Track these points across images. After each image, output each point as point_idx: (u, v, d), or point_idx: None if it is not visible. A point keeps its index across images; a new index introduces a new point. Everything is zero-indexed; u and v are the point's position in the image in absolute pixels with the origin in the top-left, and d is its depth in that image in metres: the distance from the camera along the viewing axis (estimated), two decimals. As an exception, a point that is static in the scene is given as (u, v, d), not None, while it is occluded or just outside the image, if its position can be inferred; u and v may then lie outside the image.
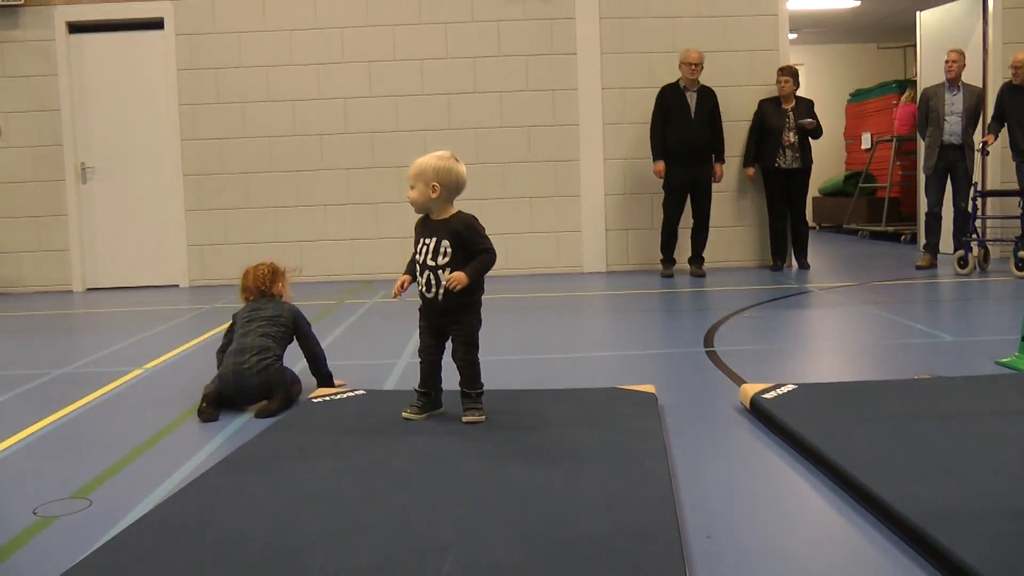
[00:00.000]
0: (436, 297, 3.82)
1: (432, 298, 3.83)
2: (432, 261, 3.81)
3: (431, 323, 3.91)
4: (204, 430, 4.14)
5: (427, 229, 3.88)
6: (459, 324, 3.87)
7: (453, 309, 3.84)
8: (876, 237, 13.51)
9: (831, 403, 3.91)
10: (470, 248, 3.82)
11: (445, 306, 3.82)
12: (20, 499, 3.31)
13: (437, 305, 3.83)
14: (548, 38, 9.92)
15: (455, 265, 3.78)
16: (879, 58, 16.68)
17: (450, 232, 3.81)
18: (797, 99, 9.57)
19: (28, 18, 10.02)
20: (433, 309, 3.86)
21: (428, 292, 3.83)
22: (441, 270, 3.79)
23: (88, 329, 7.84)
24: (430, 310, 3.88)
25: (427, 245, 3.83)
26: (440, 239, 3.81)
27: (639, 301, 8.01)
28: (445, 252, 3.79)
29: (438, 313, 3.85)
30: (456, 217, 3.88)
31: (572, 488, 2.99)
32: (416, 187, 3.81)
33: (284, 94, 9.98)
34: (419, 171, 3.82)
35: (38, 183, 10.14)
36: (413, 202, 3.86)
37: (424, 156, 3.86)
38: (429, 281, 3.82)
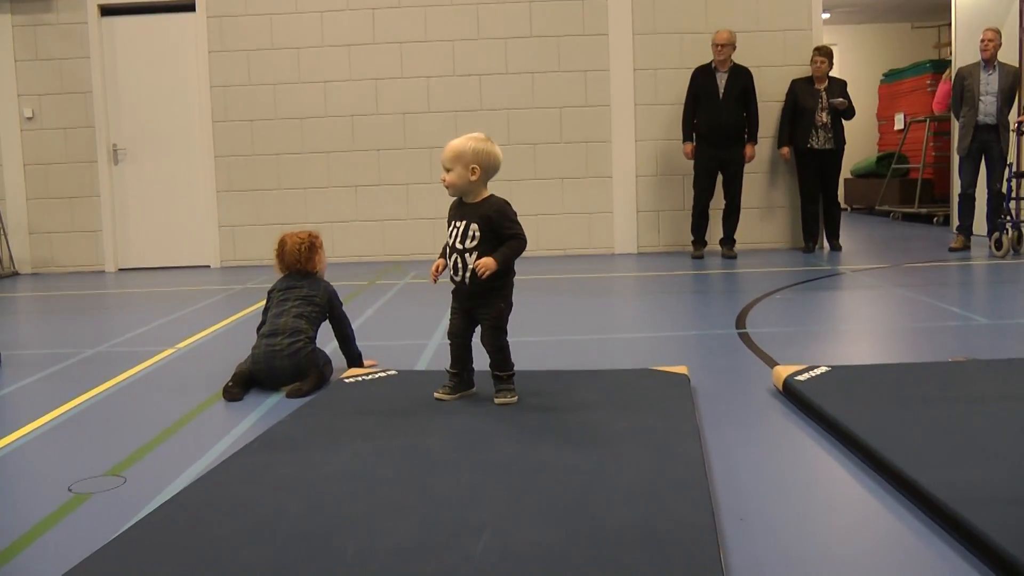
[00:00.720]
0: (463, 280, 3.79)
1: (460, 281, 3.81)
2: (460, 244, 3.78)
3: (461, 305, 3.88)
4: (236, 409, 4.16)
5: (459, 212, 3.84)
6: (488, 307, 3.83)
7: (481, 292, 3.80)
8: (909, 219, 13.40)
9: (865, 386, 3.87)
10: (500, 233, 3.77)
11: (473, 289, 3.79)
12: (56, 476, 3.34)
13: (465, 288, 3.80)
14: (580, 19, 9.88)
15: (483, 249, 3.74)
16: (913, 37, 16.50)
17: (480, 216, 3.77)
18: (830, 79, 9.50)
19: (61, 1, 10.08)
20: (462, 292, 3.84)
21: (456, 275, 3.81)
22: (468, 253, 3.75)
23: (120, 309, 7.88)
24: (460, 293, 3.86)
25: (457, 228, 3.80)
26: (470, 222, 3.77)
27: (670, 282, 7.98)
28: (473, 236, 3.75)
29: (467, 296, 3.83)
30: (488, 201, 3.83)
31: (605, 470, 2.98)
32: (454, 169, 3.75)
33: (315, 75, 10.00)
34: (457, 153, 3.76)
35: (71, 164, 10.22)
36: (451, 185, 3.79)
37: (459, 138, 3.81)
38: (456, 264, 3.79)
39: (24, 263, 10.35)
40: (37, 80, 10.17)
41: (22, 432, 3.92)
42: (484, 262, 3.70)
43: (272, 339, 4.45)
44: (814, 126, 9.40)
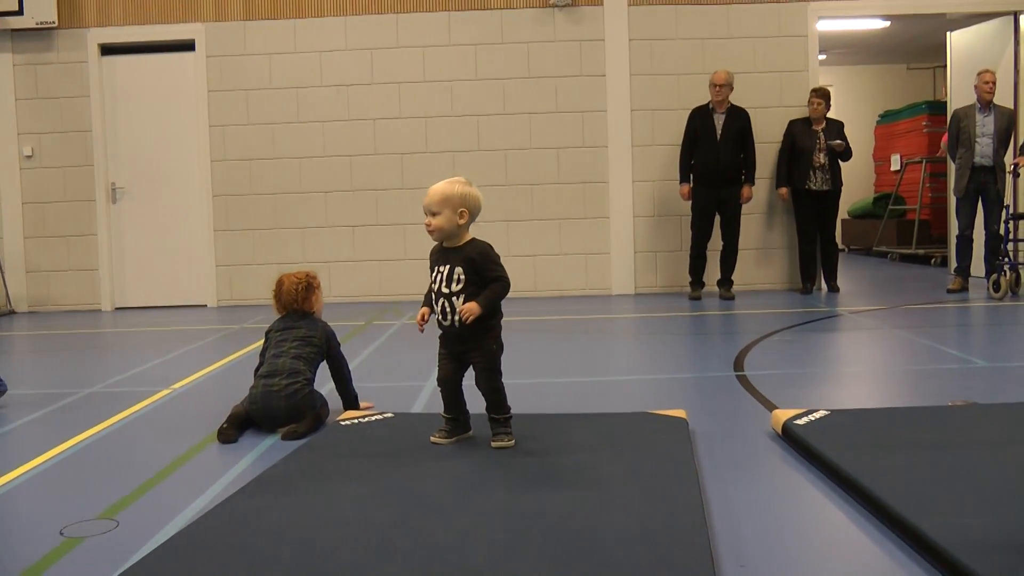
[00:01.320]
0: (452, 324, 3.75)
1: (449, 325, 3.77)
2: (446, 288, 3.75)
3: (451, 350, 3.86)
4: (231, 452, 4.13)
5: (442, 257, 3.82)
6: (479, 350, 3.80)
7: (471, 335, 3.77)
8: (906, 260, 13.42)
9: (864, 430, 3.85)
10: (484, 275, 3.75)
11: (462, 333, 3.75)
12: (48, 519, 3.31)
13: (454, 332, 3.77)
14: (577, 60, 9.93)
15: (469, 292, 3.72)
16: (908, 79, 16.62)
17: (464, 259, 3.75)
18: (827, 120, 9.53)
19: (62, 40, 10.13)
20: (451, 336, 3.81)
21: (444, 320, 3.77)
22: (456, 297, 3.73)
23: (116, 348, 7.86)
24: (449, 337, 3.84)
25: (441, 272, 3.78)
26: (454, 266, 3.75)
27: (668, 324, 7.97)
28: (459, 279, 3.73)
29: (456, 340, 3.80)
30: (471, 244, 3.81)
31: (603, 515, 2.95)
32: (442, 213, 3.73)
33: (313, 115, 10.03)
34: (444, 197, 3.74)
35: (69, 203, 10.23)
36: (437, 229, 3.76)
37: (441, 183, 3.78)
38: (444, 309, 3.76)
39: (21, 301, 10.32)
40: (37, 119, 10.20)
41: (15, 474, 3.89)
42: (468, 307, 3.68)
43: (270, 380, 4.43)
44: (812, 167, 9.42)
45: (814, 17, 9.94)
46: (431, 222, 3.76)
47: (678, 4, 9.89)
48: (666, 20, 9.89)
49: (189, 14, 10.10)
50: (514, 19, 9.94)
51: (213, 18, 10.08)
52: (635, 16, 9.89)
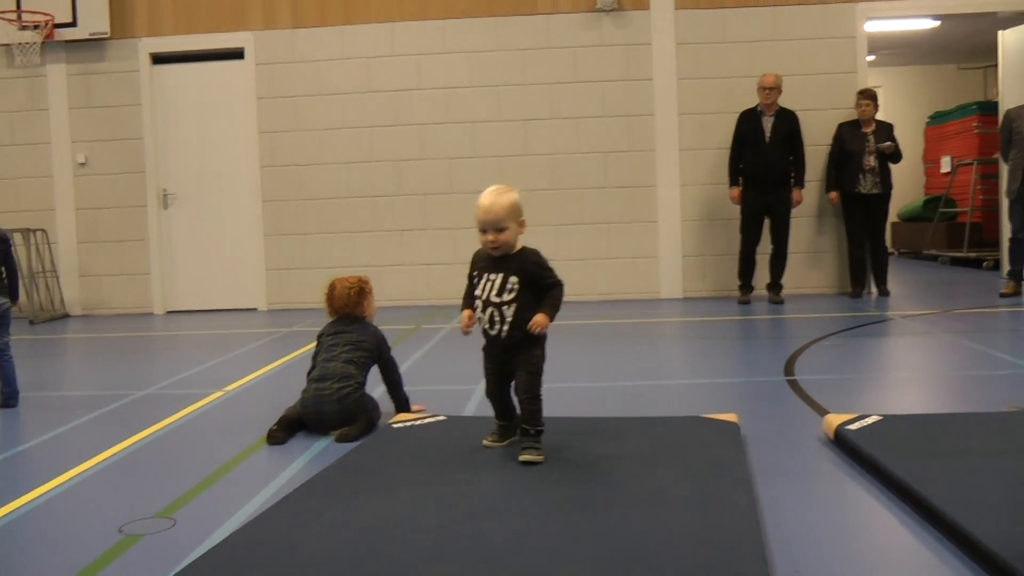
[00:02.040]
0: (499, 334, 3.70)
1: (495, 335, 3.72)
2: (497, 297, 3.70)
3: (495, 362, 3.81)
4: (285, 453, 4.17)
5: (493, 265, 3.75)
6: (525, 355, 3.72)
7: (517, 344, 3.71)
8: (957, 263, 13.25)
9: (918, 435, 3.82)
10: (539, 283, 3.73)
11: (509, 342, 3.70)
12: (107, 517, 3.38)
13: (500, 342, 3.72)
14: (624, 64, 9.92)
15: (521, 301, 3.68)
16: (959, 79, 16.40)
17: (520, 269, 3.71)
18: (877, 122, 9.44)
19: (113, 50, 10.28)
20: (496, 346, 3.76)
21: (492, 329, 3.72)
22: (506, 306, 3.68)
23: (169, 351, 7.95)
24: (493, 348, 3.78)
25: (491, 282, 3.72)
26: (508, 275, 3.70)
27: (717, 328, 7.94)
28: (511, 289, 3.69)
29: (501, 350, 3.75)
30: (523, 253, 3.77)
31: (656, 519, 2.95)
32: (509, 227, 3.68)
33: (361, 121, 10.09)
34: (509, 210, 3.68)
35: (121, 209, 10.36)
36: (504, 243, 3.70)
37: (493, 195, 3.70)
38: (493, 318, 3.71)
39: (74, 305, 10.48)
40: (90, 127, 10.35)
41: (74, 473, 3.96)
42: (538, 321, 3.65)
43: (321, 383, 4.47)
44: (861, 170, 9.34)
45: (862, 18, 9.86)
46: (497, 238, 3.69)
47: (724, 7, 9.85)
48: (713, 23, 9.86)
49: (238, 23, 10.20)
50: (561, 24, 9.95)
51: (262, 26, 10.17)
52: (682, 20, 9.86)
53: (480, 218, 3.70)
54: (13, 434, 4.95)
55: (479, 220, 3.70)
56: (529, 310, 3.68)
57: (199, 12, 10.23)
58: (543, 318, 3.67)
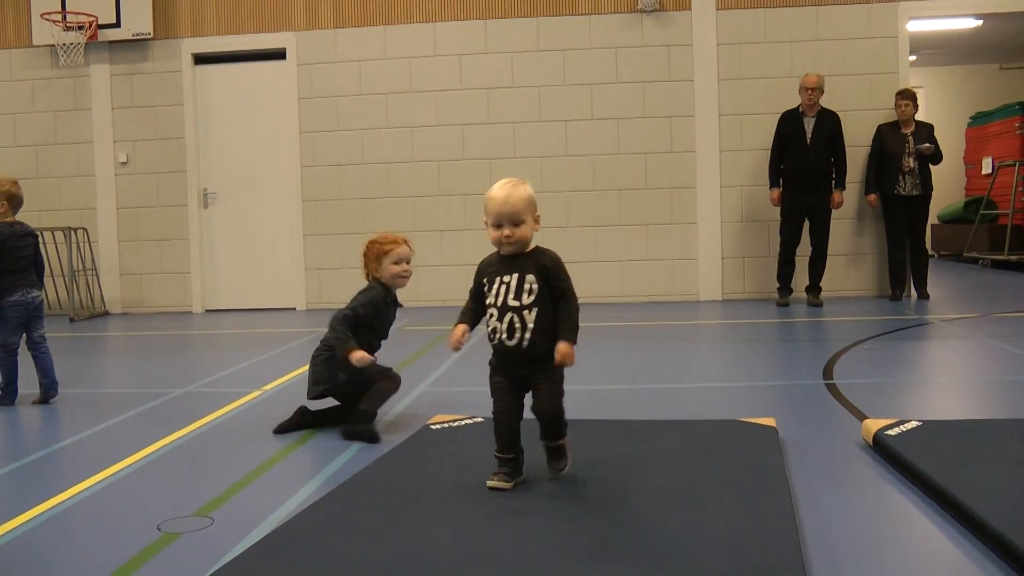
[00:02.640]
0: (520, 344, 3.30)
1: (515, 346, 3.31)
2: (515, 301, 3.31)
3: (512, 376, 3.39)
4: (323, 453, 4.18)
5: (506, 266, 3.39)
6: (546, 371, 3.34)
7: (540, 355, 3.32)
8: (998, 266, 13.12)
9: (958, 441, 3.78)
10: (554, 286, 3.35)
11: (533, 352, 3.31)
12: (146, 514, 3.41)
13: (521, 354, 3.32)
14: (665, 64, 9.90)
15: (541, 305, 3.31)
16: (1001, 79, 16.23)
17: (537, 266, 3.36)
18: (917, 123, 9.36)
19: (156, 51, 10.38)
20: (515, 359, 3.34)
21: (510, 339, 3.31)
22: (527, 310, 3.30)
23: (208, 350, 8.01)
24: (510, 361, 3.36)
25: (506, 284, 3.34)
26: (524, 274, 3.34)
27: (755, 331, 7.91)
28: (531, 290, 3.32)
29: (521, 363, 3.34)
30: (540, 250, 3.43)
31: (694, 522, 2.94)
32: (526, 221, 3.35)
33: (402, 121, 10.13)
34: (527, 202, 3.36)
35: (162, 208, 10.46)
36: (521, 239, 3.37)
37: (507, 187, 3.39)
38: (512, 325, 3.31)
39: (115, 303, 10.58)
40: (132, 127, 10.45)
41: (113, 470, 4.00)
42: (565, 352, 3.25)
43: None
44: (901, 172, 9.26)
45: (904, 17, 9.78)
46: (514, 233, 3.35)
47: (767, 7, 9.81)
48: (754, 23, 9.82)
49: (280, 23, 10.27)
50: (602, 24, 9.94)
51: (304, 27, 10.23)
52: (723, 20, 9.82)
53: (495, 211, 3.35)
54: (53, 430, 5.01)
55: (494, 213, 3.35)
56: (552, 317, 3.34)
57: (241, 13, 10.31)
58: (568, 348, 3.26)
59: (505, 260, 3.40)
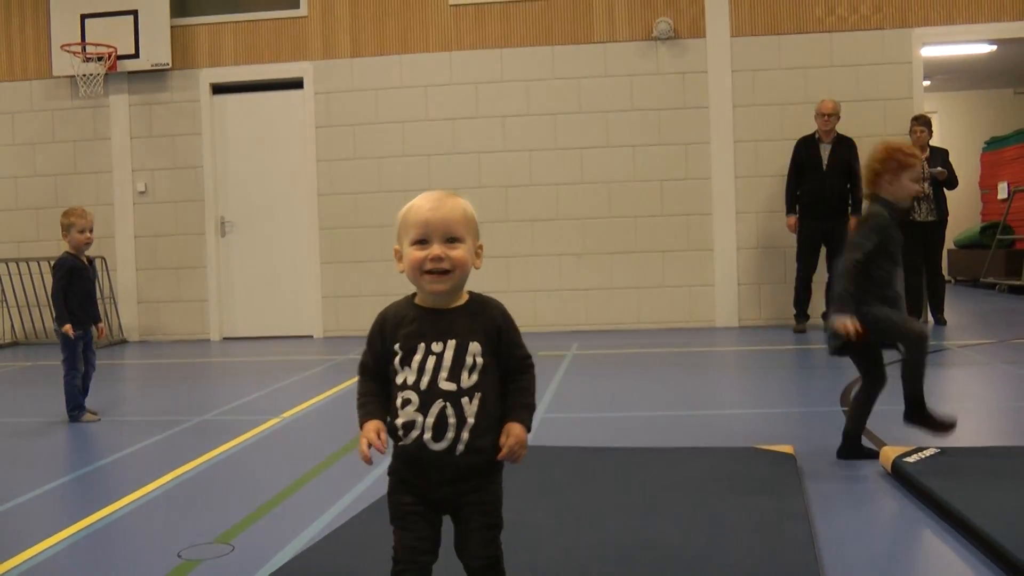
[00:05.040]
0: (452, 449, 2.23)
1: (444, 452, 2.23)
2: (451, 383, 2.23)
3: (430, 497, 2.28)
4: (344, 479, 4.19)
5: (431, 325, 2.29)
6: (482, 493, 2.29)
7: (476, 469, 2.27)
8: (1015, 291, 13.07)
9: (977, 469, 3.78)
10: (510, 355, 2.33)
11: (466, 463, 2.24)
12: (165, 542, 3.43)
13: (451, 464, 2.24)
14: (680, 92, 9.94)
15: (486, 388, 2.26)
16: (1016, 104, 16.24)
17: (485, 328, 2.30)
18: (931, 149, 9.36)
19: (175, 81, 10.48)
20: (440, 472, 2.25)
21: (438, 440, 2.22)
22: (467, 397, 2.23)
23: (226, 377, 8.05)
24: (432, 474, 2.26)
25: (436, 355, 2.25)
26: (466, 341, 2.27)
27: (772, 357, 7.90)
28: (475, 365, 2.25)
29: (449, 478, 2.25)
30: (480, 301, 2.38)
31: (714, 548, 2.95)
32: (464, 242, 2.34)
33: (418, 149, 10.19)
34: (468, 217, 2.38)
35: (179, 236, 10.53)
36: (460, 267, 2.31)
37: (439, 194, 2.43)
38: (443, 420, 2.22)
39: (132, 331, 10.63)
40: (151, 156, 10.54)
41: (133, 497, 4.02)
42: (519, 437, 2.27)
43: None
44: (916, 198, 9.23)
45: (918, 43, 9.80)
46: (449, 255, 2.29)
47: (780, 34, 9.85)
48: (769, 50, 9.86)
49: (298, 53, 10.36)
50: (617, 52, 10.00)
51: (321, 56, 10.32)
52: (737, 47, 9.87)
53: (420, 220, 2.32)
54: (74, 458, 5.04)
55: (417, 224, 2.32)
56: (495, 406, 2.30)
57: (259, 42, 10.40)
58: (523, 433, 2.29)
59: (429, 315, 2.31)
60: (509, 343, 2.31)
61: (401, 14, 10.23)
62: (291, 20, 10.38)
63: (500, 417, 2.28)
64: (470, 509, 2.27)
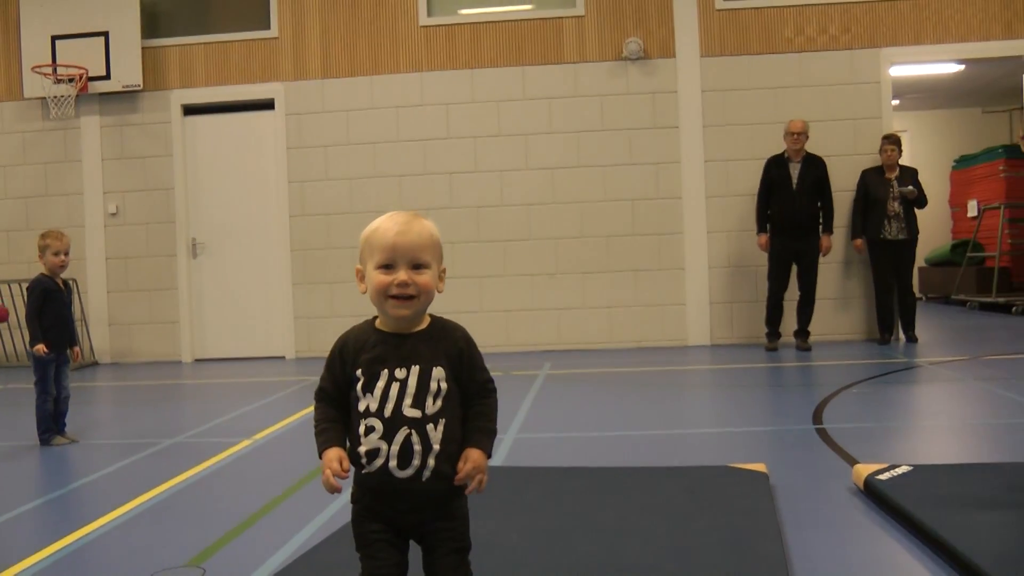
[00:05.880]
0: (418, 476, 2.20)
1: (409, 479, 2.20)
2: (415, 410, 2.22)
3: (397, 524, 2.27)
4: (315, 501, 4.17)
5: (393, 350, 2.28)
6: (448, 519, 2.29)
7: (442, 494, 2.26)
8: (986, 308, 13.18)
9: (950, 486, 3.78)
10: (472, 380, 2.33)
11: (432, 489, 2.23)
12: (137, 564, 3.40)
13: (416, 491, 2.22)
14: (651, 111, 9.98)
15: (450, 414, 2.25)
16: (984, 123, 16.40)
17: (447, 353, 2.30)
18: (901, 168, 9.42)
19: (146, 102, 10.46)
20: (407, 499, 2.23)
21: (403, 468, 2.20)
22: (432, 423, 2.22)
23: (197, 399, 8.00)
24: (397, 502, 2.24)
25: (399, 381, 2.23)
26: (429, 366, 2.26)
27: (744, 376, 7.92)
28: (439, 391, 2.24)
29: (415, 505, 2.24)
30: (441, 325, 2.38)
31: (686, 568, 2.95)
32: (430, 267, 2.29)
33: (390, 170, 10.19)
34: (433, 241, 2.30)
35: (151, 258, 10.48)
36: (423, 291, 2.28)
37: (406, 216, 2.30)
38: (408, 447, 2.20)
39: (104, 353, 10.56)
40: (122, 177, 10.50)
41: (103, 520, 3.99)
42: (478, 464, 2.25)
43: None
44: (886, 216, 9.32)
45: (887, 63, 9.89)
46: (415, 280, 2.26)
47: (750, 54, 9.92)
48: (738, 70, 9.92)
49: (269, 74, 10.36)
50: (588, 72, 10.04)
51: (292, 77, 10.32)
52: (707, 67, 9.93)
53: (387, 243, 2.25)
54: (44, 481, 5.00)
55: (384, 247, 2.25)
56: (459, 430, 2.29)
57: (230, 64, 10.39)
58: (483, 459, 2.27)
59: (391, 340, 2.29)
60: (471, 367, 2.31)
61: (372, 35, 10.25)
62: (262, 41, 10.38)
63: (462, 441, 2.27)
64: (438, 535, 2.26)
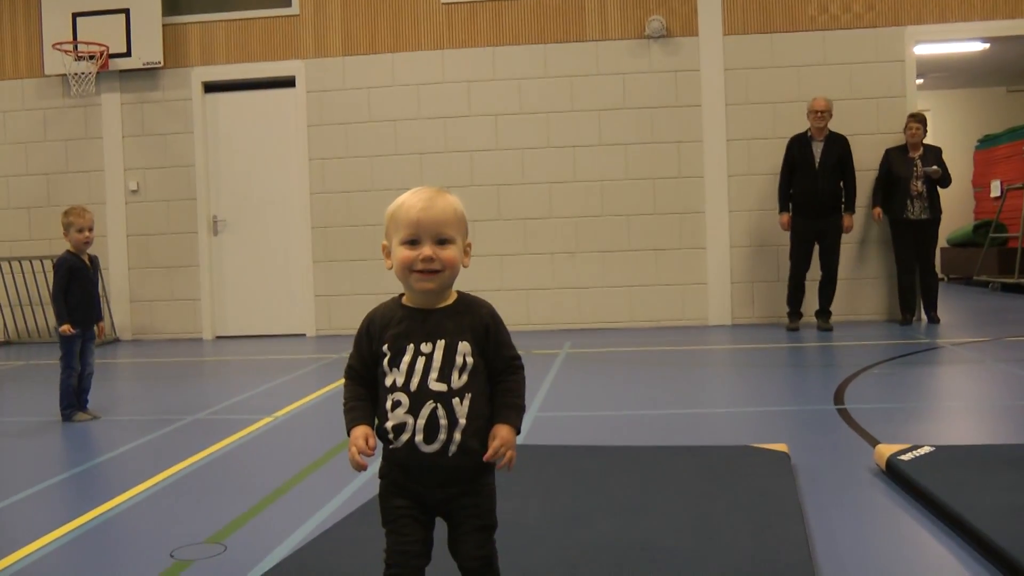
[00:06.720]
0: (444, 451, 2.19)
1: (436, 453, 2.19)
2: (441, 384, 2.20)
3: (424, 500, 2.26)
4: (337, 478, 4.18)
5: (419, 325, 2.27)
6: (475, 495, 2.27)
7: (469, 470, 2.25)
8: (1008, 289, 13.08)
9: (972, 467, 3.76)
10: (497, 357, 2.30)
11: (459, 465, 2.22)
12: (157, 541, 3.41)
13: (444, 466, 2.21)
14: (673, 90, 9.93)
15: (476, 389, 2.23)
16: (1009, 102, 16.25)
17: (472, 327, 2.28)
18: (925, 147, 9.34)
19: (167, 79, 10.46)
20: (432, 474, 2.22)
21: (429, 442, 2.19)
22: (458, 398, 2.20)
23: (218, 376, 8.03)
24: (425, 476, 2.23)
25: (425, 356, 2.22)
26: (455, 340, 2.24)
27: (766, 356, 7.90)
28: (464, 365, 2.23)
29: (442, 480, 2.23)
30: (468, 301, 2.35)
31: (708, 548, 2.94)
32: (455, 242, 2.28)
33: (411, 148, 10.17)
34: (458, 216, 2.31)
35: (172, 235, 10.50)
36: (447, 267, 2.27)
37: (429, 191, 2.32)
38: (435, 422, 2.19)
39: (125, 330, 10.61)
40: (142, 155, 10.51)
41: (125, 497, 4.00)
42: (507, 440, 2.23)
43: None
44: (909, 196, 9.24)
45: (911, 41, 9.79)
46: (440, 256, 2.25)
47: (773, 32, 9.84)
48: (761, 48, 9.85)
49: (290, 51, 10.34)
50: (610, 51, 9.99)
51: (313, 55, 10.30)
52: (730, 45, 9.86)
53: (412, 219, 2.24)
54: (66, 457, 5.03)
55: (409, 223, 2.25)
56: (486, 405, 2.27)
57: (251, 41, 10.38)
58: (512, 435, 2.25)
59: (417, 316, 2.28)
60: (497, 343, 2.28)
61: (393, 12, 10.21)
62: (283, 18, 10.36)
63: (489, 416, 2.25)
64: (463, 511, 2.25)
